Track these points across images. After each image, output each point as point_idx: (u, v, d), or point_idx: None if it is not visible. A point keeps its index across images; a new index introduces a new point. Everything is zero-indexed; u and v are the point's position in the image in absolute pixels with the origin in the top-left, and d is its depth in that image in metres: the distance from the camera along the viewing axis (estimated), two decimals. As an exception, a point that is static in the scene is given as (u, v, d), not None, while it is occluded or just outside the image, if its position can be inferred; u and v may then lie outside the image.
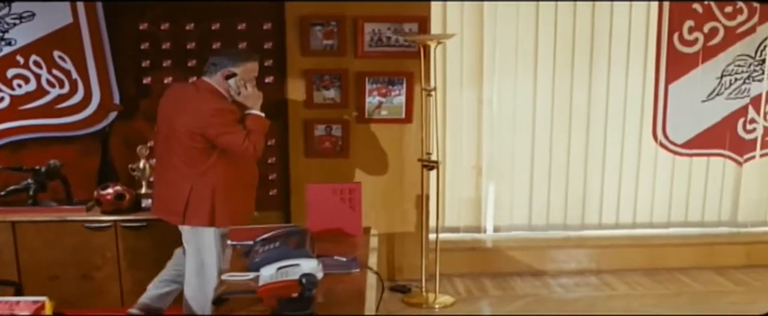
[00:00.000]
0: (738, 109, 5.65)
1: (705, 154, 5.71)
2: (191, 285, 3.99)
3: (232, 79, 3.76)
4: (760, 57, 5.55)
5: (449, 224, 5.65)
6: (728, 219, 5.87)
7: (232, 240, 3.77)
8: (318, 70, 4.93)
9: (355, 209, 3.95)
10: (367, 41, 4.91)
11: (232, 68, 3.75)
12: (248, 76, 3.78)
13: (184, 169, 3.82)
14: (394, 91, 4.97)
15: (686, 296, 5.04)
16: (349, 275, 3.34)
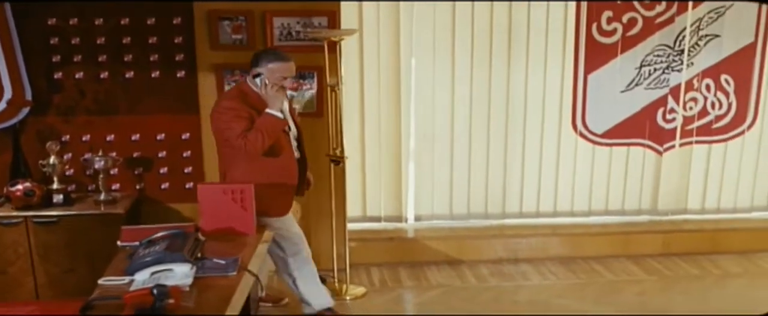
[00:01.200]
0: (657, 99, 5.80)
1: (625, 143, 5.87)
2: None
3: (258, 78, 3.95)
4: (678, 47, 5.68)
5: (371, 214, 5.78)
6: (649, 208, 6.04)
7: (122, 241, 3.89)
8: (228, 64, 5.04)
9: (247, 209, 4.07)
10: (277, 35, 5.01)
11: (258, 68, 3.97)
12: (273, 76, 3.93)
13: (219, 165, 4.33)
14: (305, 85, 5.08)
15: (595, 285, 5.22)
16: (225, 278, 3.45)
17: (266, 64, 3.95)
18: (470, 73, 5.60)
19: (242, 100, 3.97)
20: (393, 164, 5.71)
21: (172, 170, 5.24)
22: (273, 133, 3.93)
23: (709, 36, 5.70)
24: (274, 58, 3.97)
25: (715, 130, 5.91)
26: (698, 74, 5.78)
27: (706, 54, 5.74)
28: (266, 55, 4.01)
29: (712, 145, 5.96)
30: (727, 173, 6.02)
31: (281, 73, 3.95)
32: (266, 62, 3.96)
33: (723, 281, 5.34)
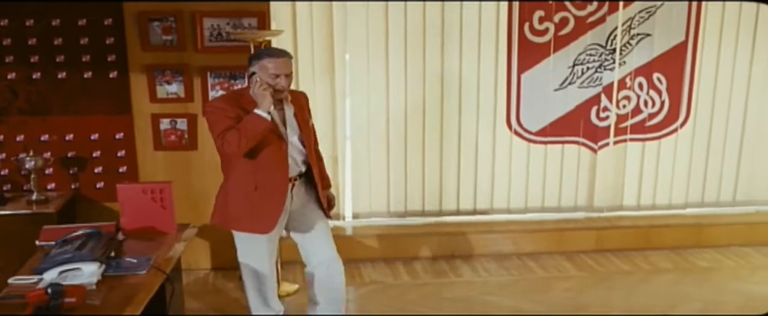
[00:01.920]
0: (591, 98, 5.93)
1: (560, 141, 6.00)
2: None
3: (253, 76, 3.76)
4: (610, 46, 5.81)
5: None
6: (584, 205, 6.17)
7: (40, 241, 3.99)
8: (159, 65, 5.15)
9: (166, 207, 4.20)
10: (207, 36, 5.10)
11: (251, 67, 3.79)
12: (265, 74, 3.71)
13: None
14: (236, 85, 5.17)
15: (525, 282, 5.35)
16: (135, 276, 3.56)
17: (258, 62, 3.75)
18: (405, 71, 5.70)
19: (234, 100, 3.80)
20: (329, 163, 5.78)
21: (107, 170, 5.33)
22: (252, 134, 3.66)
23: (641, 35, 5.83)
24: (265, 54, 3.78)
25: (649, 128, 6.05)
26: (631, 73, 5.91)
27: (638, 53, 5.87)
28: (259, 53, 3.85)
29: (646, 142, 6.10)
30: (662, 170, 6.16)
31: (273, 71, 3.72)
32: (258, 60, 3.76)
33: (651, 276, 5.48)
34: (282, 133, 3.84)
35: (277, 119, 3.81)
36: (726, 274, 5.52)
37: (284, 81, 3.76)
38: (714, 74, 6.01)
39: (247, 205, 3.85)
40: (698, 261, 5.79)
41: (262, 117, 3.67)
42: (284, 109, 3.86)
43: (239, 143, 3.66)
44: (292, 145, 3.88)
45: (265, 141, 3.75)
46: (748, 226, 6.14)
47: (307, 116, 4.01)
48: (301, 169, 3.95)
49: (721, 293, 5.16)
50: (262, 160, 3.80)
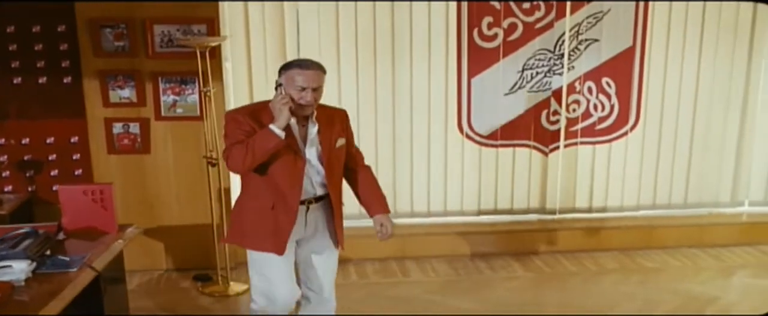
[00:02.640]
0: (541, 102, 6.09)
1: (511, 144, 6.15)
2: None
3: (278, 88, 3.50)
4: (559, 51, 5.96)
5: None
6: (537, 207, 6.30)
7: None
8: (111, 70, 5.32)
9: (107, 208, 4.34)
10: (158, 42, 5.26)
11: (279, 78, 3.53)
12: (292, 86, 3.44)
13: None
14: (187, 89, 5.33)
15: (469, 282, 5.51)
16: (65, 274, 3.70)
17: (286, 73, 3.49)
18: (356, 75, 5.86)
19: (254, 112, 3.55)
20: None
21: (62, 172, 5.49)
22: (261, 151, 3.41)
23: (589, 40, 5.98)
24: (294, 65, 3.51)
25: (599, 132, 6.19)
26: (580, 77, 6.06)
27: (586, 58, 6.02)
28: (289, 63, 3.56)
29: (596, 146, 6.24)
30: (613, 173, 6.30)
31: (301, 83, 3.43)
32: (286, 70, 3.50)
33: (596, 277, 5.62)
34: (300, 150, 3.57)
35: (297, 136, 3.56)
36: (670, 274, 5.66)
37: (310, 95, 3.45)
38: (662, 78, 6.15)
39: (260, 223, 3.63)
40: (645, 262, 5.92)
41: (274, 133, 3.40)
42: (307, 125, 3.61)
43: (244, 159, 3.42)
44: (310, 165, 3.61)
45: (281, 158, 3.52)
46: (698, 228, 6.27)
47: (336, 136, 3.67)
48: (316, 192, 3.65)
49: (661, 292, 5.29)
50: (277, 177, 3.55)
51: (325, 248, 3.84)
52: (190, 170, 5.49)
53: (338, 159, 3.72)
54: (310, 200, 3.65)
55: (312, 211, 3.68)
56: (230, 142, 3.50)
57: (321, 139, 3.61)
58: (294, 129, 3.55)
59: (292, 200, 3.58)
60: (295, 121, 3.54)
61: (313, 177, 3.63)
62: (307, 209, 3.66)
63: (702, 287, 5.40)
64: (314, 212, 3.69)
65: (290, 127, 3.50)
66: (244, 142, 3.43)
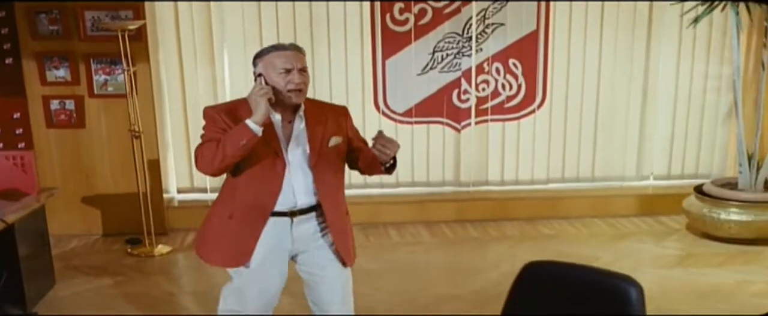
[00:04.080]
0: (452, 82, 6.63)
1: (425, 121, 6.68)
2: None
3: (259, 78, 3.12)
4: (467, 34, 6.49)
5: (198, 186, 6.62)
6: (452, 180, 6.82)
7: None
8: (47, 52, 5.93)
9: (27, 172, 4.93)
10: (89, 26, 5.85)
11: (256, 68, 3.16)
12: (274, 71, 3.08)
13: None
14: (116, 70, 5.92)
15: (376, 246, 6.07)
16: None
17: (263, 59, 3.13)
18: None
19: (232, 109, 3.18)
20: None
21: (7, 145, 6.11)
22: (232, 149, 2.99)
23: (495, 24, 6.51)
24: (268, 50, 3.15)
25: (508, 109, 6.71)
26: (488, 59, 6.59)
27: (493, 40, 6.54)
28: (262, 50, 3.17)
29: (505, 123, 6.75)
30: (523, 149, 6.82)
31: (283, 65, 3.07)
32: (262, 57, 3.14)
33: (494, 242, 6.15)
34: (282, 151, 3.16)
35: (280, 134, 3.16)
36: (562, 239, 6.18)
37: (299, 77, 3.08)
38: (566, 60, 6.66)
39: (223, 233, 3.24)
40: (544, 230, 6.44)
41: (249, 128, 2.98)
42: (294, 121, 3.19)
43: (213, 159, 3.02)
44: (294, 169, 3.17)
45: (258, 160, 3.12)
46: (603, 199, 6.77)
47: (329, 134, 3.22)
48: (298, 201, 3.19)
49: (546, 254, 5.72)
50: (252, 182, 3.16)
51: (328, 264, 3.33)
52: (121, 142, 6.06)
53: (332, 162, 3.25)
54: (293, 210, 3.19)
55: (298, 224, 3.22)
56: (202, 141, 3.14)
57: (309, 138, 3.18)
58: (277, 126, 3.16)
59: (266, 208, 3.16)
60: (280, 118, 3.16)
61: (297, 183, 3.18)
62: (291, 221, 3.21)
63: (586, 250, 5.91)
64: (302, 224, 3.23)
65: (272, 124, 3.13)
66: (216, 140, 3.06)
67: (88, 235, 6.31)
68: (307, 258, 3.33)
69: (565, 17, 6.56)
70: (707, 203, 5.95)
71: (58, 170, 6.12)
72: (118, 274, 5.47)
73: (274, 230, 3.20)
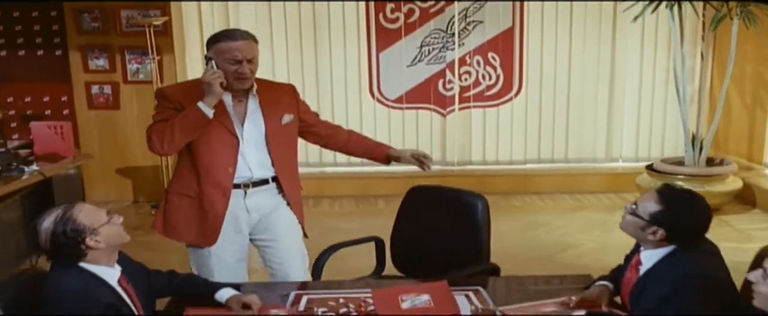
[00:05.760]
0: (437, 72, 7.50)
1: (414, 107, 7.57)
2: None
3: (209, 62, 3.24)
4: (450, 31, 7.38)
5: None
6: (439, 159, 7.68)
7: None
8: (89, 45, 7.03)
9: (65, 139, 5.98)
10: (124, 23, 6.94)
11: (208, 52, 3.28)
12: (223, 59, 3.19)
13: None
14: (146, 60, 6.98)
15: (364, 212, 6.98)
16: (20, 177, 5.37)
17: (214, 46, 3.23)
18: (286, 55, 7.41)
19: (185, 89, 3.36)
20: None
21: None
22: (184, 130, 3.16)
23: (475, 22, 7.38)
24: (221, 37, 3.25)
25: (488, 97, 7.56)
26: (469, 52, 7.45)
27: (474, 36, 7.41)
28: (216, 35, 3.29)
29: (486, 109, 7.60)
30: (502, 132, 7.65)
31: (230, 55, 3.17)
32: (214, 43, 3.24)
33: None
34: (234, 129, 3.31)
35: (232, 113, 3.31)
36: (528, 210, 7.01)
37: (246, 67, 3.20)
38: (540, 53, 7.47)
39: (188, 211, 3.38)
40: (515, 202, 7.28)
41: (201, 111, 3.12)
42: (247, 101, 3.34)
43: (163, 139, 3.18)
44: (248, 145, 3.34)
45: (212, 138, 3.26)
46: (572, 177, 7.56)
47: (282, 112, 3.40)
48: (254, 174, 3.37)
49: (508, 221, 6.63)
50: (208, 159, 3.29)
51: (287, 230, 3.52)
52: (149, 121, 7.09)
53: (287, 137, 3.45)
54: (246, 183, 3.37)
55: (251, 195, 3.39)
56: (154, 121, 3.28)
57: (264, 116, 3.36)
58: (228, 106, 3.30)
59: (225, 184, 3.31)
60: (231, 98, 3.30)
61: (251, 158, 3.35)
62: (245, 193, 3.38)
63: (545, 218, 6.73)
64: (256, 196, 3.40)
65: (223, 104, 3.25)
66: (167, 120, 3.21)
67: (120, 201, 7.38)
68: (263, 227, 3.47)
69: (538, 15, 7.38)
70: (656, 178, 6.69)
71: (97, 145, 7.21)
72: (140, 229, 6.49)
73: (230, 200, 3.35)
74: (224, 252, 3.40)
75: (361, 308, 2.83)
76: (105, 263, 2.59)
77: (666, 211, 2.58)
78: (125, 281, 2.64)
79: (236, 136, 3.30)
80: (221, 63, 3.19)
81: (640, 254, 2.74)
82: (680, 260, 2.60)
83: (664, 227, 2.58)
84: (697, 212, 2.61)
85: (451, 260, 3.52)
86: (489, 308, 2.69)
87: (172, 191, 3.43)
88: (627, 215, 2.68)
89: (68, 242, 2.49)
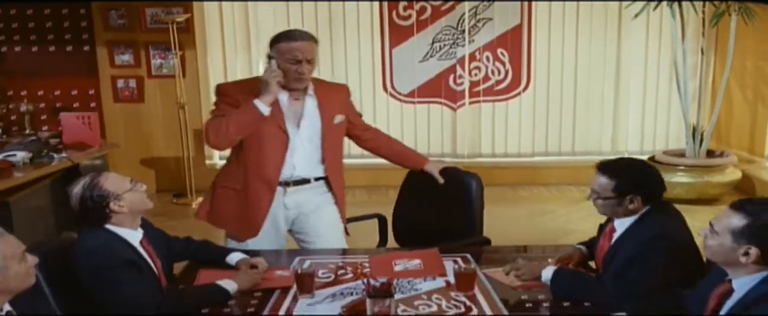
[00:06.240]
0: (448, 68, 7.77)
1: (426, 101, 7.85)
2: None
3: (270, 60, 3.38)
4: (461, 28, 7.65)
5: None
6: (450, 152, 7.96)
7: (8, 147, 6.19)
8: (116, 40, 7.38)
9: (92, 128, 6.32)
10: (148, 20, 7.29)
11: (270, 51, 3.41)
12: (282, 58, 3.33)
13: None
14: (169, 55, 7.32)
15: (375, 201, 7.24)
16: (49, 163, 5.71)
17: (275, 46, 3.38)
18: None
19: (244, 86, 3.48)
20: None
21: (84, 115, 7.57)
22: (239, 126, 3.28)
23: (485, 19, 7.64)
24: (282, 38, 3.39)
25: (497, 92, 7.82)
26: (479, 48, 7.71)
27: (483, 33, 7.67)
28: (278, 36, 3.42)
29: (495, 103, 7.86)
30: (510, 126, 7.90)
31: (290, 54, 3.31)
32: (275, 43, 3.39)
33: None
34: (286, 127, 3.43)
35: (285, 112, 3.42)
36: (534, 201, 7.27)
37: (304, 67, 3.34)
38: (547, 49, 7.72)
39: (231, 205, 3.53)
40: (523, 193, 7.54)
41: (256, 108, 3.26)
42: (303, 100, 3.47)
43: (219, 133, 3.30)
44: (298, 144, 3.47)
45: (265, 135, 3.38)
46: (578, 169, 7.70)
47: (335, 112, 3.55)
48: (301, 172, 3.51)
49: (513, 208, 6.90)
50: (256, 156, 3.42)
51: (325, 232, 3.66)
52: (172, 115, 7.44)
53: (336, 137, 3.59)
54: (287, 181, 3.49)
55: (292, 194, 3.53)
56: (213, 116, 3.40)
57: (320, 115, 3.49)
58: (283, 105, 3.41)
59: (272, 180, 3.44)
60: (287, 97, 3.41)
61: (298, 157, 3.48)
62: (285, 191, 3.52)
63: (550, 206, 6.98)
64: (296, 194, 3.54)
65: (278, 102, 3.36)
66: (225, 116, 3.32)
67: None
68: (303, 225, 3.62)
69: (545, 12, 7.63)
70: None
71: (123, 136, 7.54)
72: (161, 215, 6.83)
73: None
74: (261, 245, 3.50)
75: (357, 270, 3.11)
76: (128, 226, 2.89)
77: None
78: (146, 243, 2.95)
79: (287, 134, 3.42)
80: (282, 62, 3.32)
81: (614, 222, 3.00)
82: (648, 223, 2.86)
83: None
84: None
85: (447, 234, 3.79)
86: (471, 267, 2.94)
87: (220, 185, 3.58)
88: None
89: (94, 206, 2.80)
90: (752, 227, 2.20)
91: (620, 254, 2.86)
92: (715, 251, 2.31)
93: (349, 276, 3.06)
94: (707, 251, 2.36)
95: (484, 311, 2.66)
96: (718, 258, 2.32)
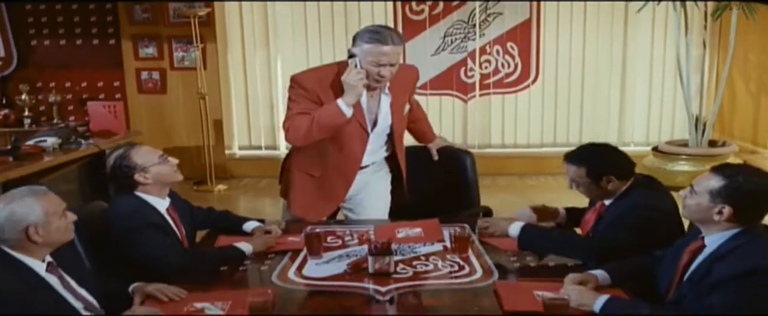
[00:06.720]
0: (459, 61, 8.03)
1: (438, 94, 8.11)
2: None
3: (352, 58, 3.29)
4: (472, 22, 7.92)
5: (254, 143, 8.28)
6: (461, 142, 8.21)
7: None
8: (140, 34, 7.71)
9: (117, 117, 6.66)
10: (172, 14, 7.61)
11: (353, 47, 3.33)
12: (366, 59, 3.26)
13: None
14: (191, 48, 7.64)
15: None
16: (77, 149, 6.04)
17: (361, 44, 3.29)
18: (319, 45, 8.00)
19: (321, 79, 3.40)
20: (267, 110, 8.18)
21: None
22: (325, 127, 3.31)
23: (495, 13, 7.91)
24: (367, 38, 3.28)
25: (507, 84, 8.08)
26: (489, 42, 7.98)
27: (494, 27, 7.94)
28: (363, 33, 3.32)
29: (505, 95, 8.12)
30: (520, 117, 8.16)
31: (374, 58, 3.24)
32: (361, 42, 3.29)
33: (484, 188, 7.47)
34: (366, 124, 3.50)
35: (365, 108, 3.46)
36: (539, 189, 7.50)
37: (387, 71, 3.29)
38: (555, 43, 7.97)
39: (308, 191, 3.63)
40: (530, 182, 7.78)
41: (341, 111, 3.27)
42: (380, 96, 3.49)
43: (307, 133, 3.33)
44: (374, 138, 3.58)
45: (344, 130, 3.42)
46: (586, 160, 8.01)
47: (405, 100, 3.62)
48: (368, 160, 3.64)
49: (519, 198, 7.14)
50: (336, 149, 3.51)
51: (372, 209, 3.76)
52: (194, 106, 7.75)
53: (402, 125, 3.71)
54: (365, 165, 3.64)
55: (361, 174, 3.66)
56: (293, 112, 3.36)
57: (392, 111, 3.54)
58: (362, 101, 3.42)
59: (350, 173, 3.58)
60: (365, 94, 3.40)
61: (371, 148, 3.59)
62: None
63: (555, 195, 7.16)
64: (360, 176, 3.66)
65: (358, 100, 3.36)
66: (307, 113, 3.31)
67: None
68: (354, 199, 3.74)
69: (553, 7, 7.88)
70: (660, 158, 7.16)
71: (146, 126, 7.85)
72: (184, 200, 7.14)
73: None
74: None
75: (363, 237, 3.39)
76: (156, 195, 3.20)
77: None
78: (172, 210, 3.26)
79: (367, 131, 3.50)
80: (365, 63, 3.25)
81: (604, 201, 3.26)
82: (631, 195, 3.11)
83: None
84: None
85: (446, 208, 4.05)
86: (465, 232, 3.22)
87: (296, 169, 3.63)
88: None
89: (122, 174, 3.12)
90: (729, 188, 2.38)
91: (603, 222, 3.12)
92: (692, 210, 2.50)
93: (355, 242, 3.33)
94: (685, 210, 2.55)
95: (475, 269, 2.93)
96: (694, 216, 2.52)
